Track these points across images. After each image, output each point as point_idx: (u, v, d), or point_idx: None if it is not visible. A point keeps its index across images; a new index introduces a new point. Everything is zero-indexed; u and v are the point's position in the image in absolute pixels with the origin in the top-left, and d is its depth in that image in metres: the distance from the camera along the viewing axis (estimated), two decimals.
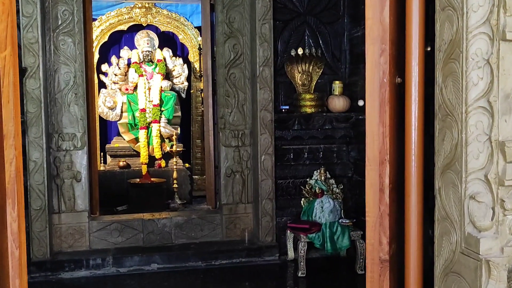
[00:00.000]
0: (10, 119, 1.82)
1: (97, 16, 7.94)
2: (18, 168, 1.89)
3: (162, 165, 7.63)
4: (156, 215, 5.56)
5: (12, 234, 1.83)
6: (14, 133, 1.83)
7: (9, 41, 1.80)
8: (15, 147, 1.86)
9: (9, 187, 1.82)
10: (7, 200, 1.81)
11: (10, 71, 1.81)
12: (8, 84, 1.81)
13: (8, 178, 1.82)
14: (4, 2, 1.79)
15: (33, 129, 4.91)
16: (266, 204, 5.40)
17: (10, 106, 1.82)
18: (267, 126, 5.34)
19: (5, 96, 1.80)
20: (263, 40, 5.28)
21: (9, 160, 1.81)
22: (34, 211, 4.94)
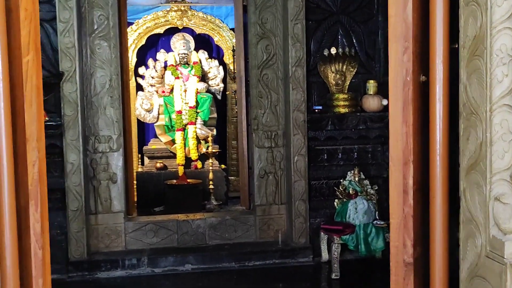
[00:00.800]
0: (33, 122, 1.86)
1: (134, 20, 8.07)
2: (42, 171, 1.93)
3: (198, 166, 7.67)
4: (191, 216, 5.61)
5: (35, 235, 1.87)
6: (37, 136, 1.87)
7: (31, 46, 1.84)
8: (38, 149, 1.90)
9: (32, 189, 1.86)
10: (30, 201, 1.85)
11: (33, 76, 1.85)
12: (31, 88, 1.85)
13: (31, 180, 1.86)
14: (27, 8, 1.83)
15: (70, 131, 5.02)
16: (299, 205, 5.37)
17: (33, 109, 1.86)
18: (300, 126, 5.31)
19: (28, 100, 1.84)
20: (295, 40, 5.26)
21: (31, 162, 1.86)
22: (71, 212, 5.05)
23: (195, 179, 7.41)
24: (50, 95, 5.10)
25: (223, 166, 7.92)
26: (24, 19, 1.82)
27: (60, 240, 5.14)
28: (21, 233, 1.86)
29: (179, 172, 7.50)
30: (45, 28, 5.14)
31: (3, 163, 1.77)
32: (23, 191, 1.85)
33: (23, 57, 1.82)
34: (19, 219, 1.86)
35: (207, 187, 7.34)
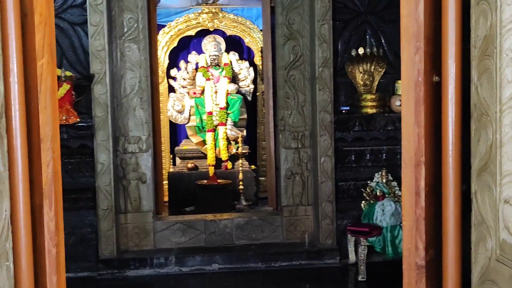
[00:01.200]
0: (47, 124, 1.91)
1: (166, 22, 8.19)
2: (56, 170, 1.98)
3: (228, 166, 7.73)
4: (218, 216, 5.64)
5: (49, 233, 1.93)
6: (51, 137, 1.92)
7: (46, 50, 1.89)
8: (53, 150, 1.95)
9: (46, 188, 1.91)
10: (44, 200, 1.91)
11: (47, 78, 1.90)
12: (45, 91, 1.90)
13: (45, 179, 1.91)
14: (42, 13, 1.88)
15: (100, 132, 5.12)
16: (326, 206, 5.34)
17: (47, 111, 1.91)
18: (327, 127, 5.28)
19: (42, 102, 1.90)
20: (322, 40, 5.23)
21: (46, 162, 1.91)
22: (101, 211, 5.15)
23: (225, 180, 7.47)
24: (82, 97, 5.22)
25: (253, 166, 7.95)
26: (38, 23, 1.88)
27: (90, 238, 5.25)
28: (36, 232, 1.92)
29: (209, 172, 7.57)
30: (77, 32, 5.28)
31: (18, 163, 1.82)
32: (38, 190, 1.91)
33: (38, 60, 1.88)
34: (34, 218, 1.91)
35: (237, 187, 7.39)
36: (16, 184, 1.82)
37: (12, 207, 1.81)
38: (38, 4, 1.87)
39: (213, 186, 7.33)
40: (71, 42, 5.27)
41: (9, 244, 1.76)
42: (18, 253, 1.84)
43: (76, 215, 5.27)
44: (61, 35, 5.25)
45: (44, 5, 1.90)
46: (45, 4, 1.90)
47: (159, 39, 8.17)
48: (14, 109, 1.82)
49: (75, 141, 5.18)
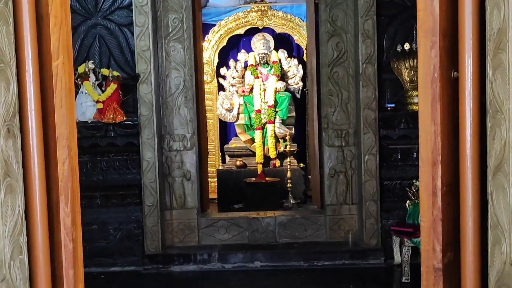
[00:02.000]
0: (63, 123, 1.97)
1: (216, 21, 8.27)
2: (73, 167, 2.04)
3: (276, 164, 7.72)
4: (261, 214, 5.65)
5: (65, 228, 1.99)
6: (67, 135, 1.98)
7: (61, 51, 1.96)
8: (70, 148, 2.01)
9: (62, 185, 1.97)
10: (60, 196, 1.97)
11: (62, 79, 1.96)
12: (61, 90, 1.96)
13: (61, 176, 1.97)
14: (57, 15, 1.95)
15: (145, 130, 5.24)
16: (370, 205, 5.23)
17: (62, 110, 1.97)
18: (371, 125, 5.17)
19: (58, 101, 1.96)
20: (366, 36, 5.13)
21: (62, 160, 1.97)
22: (147, 207, 5.27)
23: (274, 177, 7.47)
24: (128, 96, 5.36)
25: (301, 164, 7.90)
26: (54, 25, 1.94)
27: (137, 234, 5.39)
28: (54, 227, 1.99)
29: (258, 170, 7.59)
30: (124, 33, 5.42)
31: (34, 160, 1.89)
32: (54, 187, 1.98)
33: (53, 61, 1.94)
34: (52, 214, 1.98)
35: (285, 185, 7.36)
36: (32, 181, 1.89)
37: (29, 203, 1.88)
38: (53, 6, 1.93)
39: (261, 184, 7.34)
40: (119, 43, 5.42)
41: (23, 238, 1.83)
42: (35, 247, 1.91)
43: (123, 211, 5.42)
44: (109, 36, 5.41)
45: (59, 7, 1.96)
46: (60, 6, 1.96)
47: (209, 38, 8.27)
48: (30, 108, 1.89)
49: (122, 139, 5.32)
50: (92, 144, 5.31)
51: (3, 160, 1.70)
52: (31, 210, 1.89)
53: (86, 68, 5.26)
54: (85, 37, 5.43)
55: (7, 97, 1.74)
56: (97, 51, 5.44)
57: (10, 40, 1.78)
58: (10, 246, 1.74)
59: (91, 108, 5.28)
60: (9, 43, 1.77)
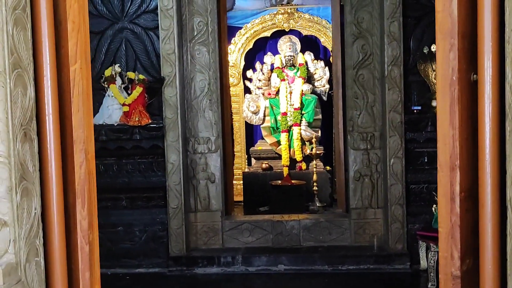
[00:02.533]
0: (80, 126, 2.00)
1: (242, 24, 8.29)
2: (90, 171, 2.06)
3: (302, 167, 7.69)
4: (285, 217, 5.63)
5: (82, 231, 2.01)
6: (84, 139, 2.01)
7: (79, 56, 1.98)
8: (88, 151, 2.03)
9: (78, 188, 2.00)
10: (77, 199, 1.99)
11: (80, 83, 1.98)
12: (78, 94, 1.99)
13: (78, 179, 2.00)
14: (74, 21, 1.97)
15: (170, 133, 5.28)
16: (395, 209, 5.16)
17: (80, 114, 1.99)
18: (396, 128, 5.10)
19: (75, 105, 1.98)
20: (391, 38, 5.07)
21: (78, 163, 1.99)
22: (171, 209, 5.31)
23: (299, 180, 7.44)
24: (154, 99, 5.41)
25: (328, 167, 7.85)
26: (71, 30, 1.96)
27: (161, 236, 5.43)
28: (70, 229, 2.01)
29: (283, 173, 7.57)
30: (150, 36, 5.48)
31: (52, 164, 1.92)
32: (71, 190, 2.00)
33: (71, 65, 1.97)
34: (68, 216, 2.01)
35: (311, 188, 7.34)
36: (50, 184, 1.92)
37: (46, 205, 1.91)
38: (71, 12, 1.96)
39: (287, 186, 7.33)
40: (145, 47, 5.47)
41: (39, 240, 1.86)
42: (51, 250, 1.93)
43: (148, 213, 5.48)
44: (135, 40, 5.47)
45: (77, 13, 1.98)
46: (77, 12, 1.98)
47: (235, 41, 8.29)
48: (47, 112, 1.92)
49: (147, 142, 5.37)
50: (118, 146, 5.38)
51: (19, 164, 1.73)
52: (48, 213, 1.92)
53: (113, 71, 5.34)
54: (112, 41, 5.50)
55: (24, 102, 1.77)
56: (124, 54, 5.51)
57: (28, 46, 1.81)
58: (25, 249, 1.76)
59: (117, 111, 5.35)
60: (27, 49, 1.80)
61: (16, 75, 1.72)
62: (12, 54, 1.70)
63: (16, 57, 1.72)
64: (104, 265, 5.58)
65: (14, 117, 1.71)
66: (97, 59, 5.52)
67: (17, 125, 1.73)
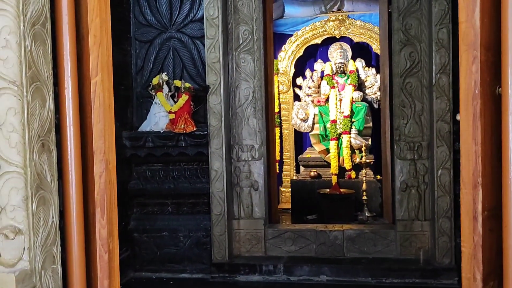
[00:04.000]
0: (100, 137, 2.05)
1: (293, 31, 8.27)
2: (111, 181, 2.11)
3: (352, 176, 7.58)
4: (329, 227, 5.55)
5: (101, 240, 2.05)
6: (105, 149, 2.05)
7: (100, 69, 2.03)
8: (108, 161, 2.08)
9: (98, 198, 2.04)
10: (96, 209, 2.04)
11: (100, 95, 2.03)
12: (99, 106, 2.03)
13: (98, 189, 2.04)
14: (96, 35, 2.03)
15: (214, 141, 5.32)
16: (443, 223, 4.98)
17: (100, 125, 2.04)
18: (444, 138, 4.93)
19: (96, 117, 2.03)
20: (439, 45, 4.91)
21: (98, 173, 2.04)
22: (214, 216, 5.35)
23: (348, 189, 7.34)
24: (199, 106, 5.48)
25: (378, 176, 7.68)
26: (93, 44, 2.02)
27: (205, 242, 5.48)
28: (90, 238, 2.06)
29: (332, 181, 7.49)
30: (196, 45, 5.56)
31: (72, 173, 1.98)
32: (91, 199, 2.05)
33: (92, 78, 2.02)
34: (88, 225, 2.06)
35: (360, 197, 7.22)
36: (69, 193, 1.98)
37: (66, 214, 1.97)
38: (92, 26, 2.01)
39: (336, 195, 7.24)
40: (191, 55, 5.56)
41: (57, 248, 1.91)
42: (70, 258, 1.99)
43: (193, 219, 5.54)
44: (182, 48, 5.57)
45: (98, 27, 2.03)
46: (99, 26, 2.03)
47: (286, 48, 8.29)
48: (68, 123, 1.98)
49: (192, 149, 5.44)
50: (164, 153, 5.47)
51: (35, 174, 1.79)
52: (67, 221, 1.97)
53: (160, 79, 5.45)
54: (160, 50, 5.62)
55: (42, 114, 1.83)
56: (171, 63, 5.61)
57: (47, 60, 1.87)
58: (41, 256, 1.82)
59: (164, 119, 5.45)
60: (46, 62, 1.86)
61: (34, 88, 1.78)
62: (30, 68, 1.76)
63: (34, 70, 1.79)
64: (150, 269, 5.71)
65: (31, 129, 1.77)
66: (145, 68, 5.66)
67: (35, 136, 1.79)
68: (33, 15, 1.76)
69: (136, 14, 5.67)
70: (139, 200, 5.68)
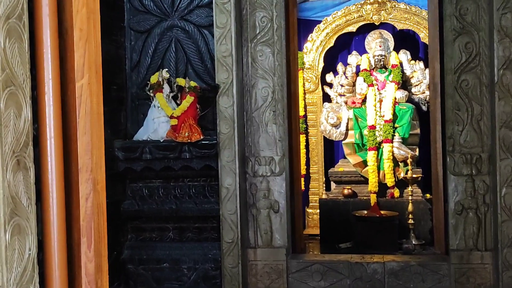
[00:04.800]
0: (87, 152, 2.08)
1: (322, 17, 8.30)
2: (100, 204, 2.14)
3: (395, 194, 7.57)
4: (367, 258, 5.54)
5: (87, 276, 2.08)
6: (91, 166, 2.09)
7: (87, 69, 2.07)
8: (97, 181, 2.11)
9: (84, 225, 2.08)
10: (82, 238, 2.07)
11: (87, 101, 2.07)
12: (85, 114, 2.07)
13: (83, 214, 2.08)
14: (82, 29, 2.06)
15: (225, 152, 5.34)
16: (508, 253, 4.95)
17: (86, 138, 2.08)
18: (509, 148, 4.92)
19: (81, 127, 2.07)
20: (503, 35, 4.92)
21: (84, 195, 2.07)
22: (225, 244, 5.37)
23: (391, 211, 7.34)
24: (207, 110, 5.53)
25: (428, 195, 7.65)
26: (78, 39, 2.06)
27: (214, 276, 5.50)
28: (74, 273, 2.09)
29: (371, 201, 7.50)
30: (204, 35, 5.63)
31: (53, 196, 2.01)
32: (76, 226, 2.08)
33: (77, 81, 2.06)
34: (72, 258, 2.09)
35: (406, 221, 7.21)
36: (50, 219, 2.01)
37: (45, 245, 2.00)
38: (78, 18, 2.06)
39: (375, 218, 7.23)
40: (198, 47, 5.62)
41: (34, 286, 1.94)
42: None
43: (199, 247, 5.57)
44: (186, 40, 5.63)
45: (85, 19, 2.07)
46: (85, 18, 2.07)
47: (313, 38, 8.32)
48: (49, 136, 2.01)
49: (199, 162, 5.47)
50: (165, 166, 5.51)
51: (9, 197, 1.82)
52: (47, 254, 2.00)
53: (160, 77, 5.49)
54: (159, 41, 5.69)
55: (17, 125, 1.87)
56: (173, 57, 5.67)
57: (24, 59, 1.91)
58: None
59: (164, 125, 5.50)
60: (22, 62, 1.90)
61: (7, 94, 1.82)
62: (3, 70, 1.80)
63: (8, 73, 1.83)
64: None
65: (4, 143, 1.81)
66: (142, 63, 5.73)
67: (8, 152, 1.82)
68: (7, 6, 1.80)
69: None
70: (135, 224, 5.72)
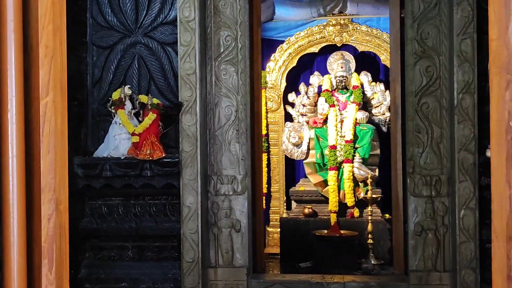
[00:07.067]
0: (50, 171, 2.03)
1: (285, 37, 8.36)
2: (62, 225, 2.08)
3: (355, 214, 7.62)
4: (327, 278, 5.54)
5: None
6: (55, 186, 2.03)
7: (52, 87, 2.02)
8: (59, 201, 2.05)
9: (45, 246, 2.01)
10: (43, 260, 2.01)
11: (51, 119, 2.02)
12: (49, 133, 2.02)
13: (45, 236, 2.02)
14: (48, 45, 2.02)
15: (188, 170, 5.30)
16: (466, 275, 5.01)
17: (50, 156, 2.02)
18: (468, 171, 4.99)
19: (45, 146, 2.02)
20: (462, 59, 5.00)
21: (46, 216, 2.02)
22: (186, 263, 5.31)
23: (350, 231, 7.37)
24: (170, 128, 5.48)
25: (387, 215, 7.72)
26: (44, 56, 2.01)
27: None
28: None
29: (331, 220, 7.52)
30: (167, 53, 5.59)
31: (14, 216, 1.95)
32: (37, 248, 2.02)
33: (41, 98, 2.01)
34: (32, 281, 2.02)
35: (365, 241, 7.25)
36: (9, 241, 1.94)
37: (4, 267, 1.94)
38: (44, 34, 2.01)
39: (335, 238, 7.26)
40: (161, 65, 5.58)
41: None
42: None
43: (158, 266, 5.50)
44: (149, 56, 5.59)
45: (51, 35, 2.03)
46: (51, 34, 2.03)
47: (276, 58, 8.36)
48: (11, 154, 1.95)
49: (160, 180, 5.42)
50: (125, 184, 5.44)
51: None
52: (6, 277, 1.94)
53: (122, 94, 5.43)
54: (122, 58, 5.63)
55: None
56: (136, 73, 5.62)
57: None
58: None
59: (125, 142, 5.43)
60: None
61: None
62: None
63: None
64: None
65: None
66: (104, 79, 5.66)
67: None
68: None
69: (94, 14, 5.68)
70: (93, 243, 5.61)
